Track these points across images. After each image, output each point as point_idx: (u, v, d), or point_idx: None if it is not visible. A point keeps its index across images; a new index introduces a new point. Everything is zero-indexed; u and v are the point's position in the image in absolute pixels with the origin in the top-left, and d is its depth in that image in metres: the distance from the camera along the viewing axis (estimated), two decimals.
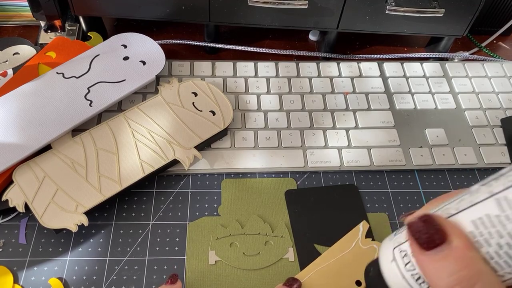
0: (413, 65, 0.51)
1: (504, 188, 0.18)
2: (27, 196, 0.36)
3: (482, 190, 0.19)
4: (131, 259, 0.36)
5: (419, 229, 0.19)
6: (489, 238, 0.18)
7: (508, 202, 0.17)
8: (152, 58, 0.44)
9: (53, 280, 0.34)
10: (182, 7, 0.47)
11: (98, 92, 0.41)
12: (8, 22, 0.54)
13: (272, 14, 0.47)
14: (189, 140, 0.40)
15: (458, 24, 0.49)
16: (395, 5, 0.46)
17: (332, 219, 0.39)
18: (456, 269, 0.18)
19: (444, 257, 0.18)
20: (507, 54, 0.57)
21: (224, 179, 0.41)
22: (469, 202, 0.19)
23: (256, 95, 0.47)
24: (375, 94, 0.48)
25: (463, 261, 0.18)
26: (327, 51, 0.54)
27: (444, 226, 0.19)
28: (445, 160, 0.43)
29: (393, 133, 0.45)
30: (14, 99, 0.40)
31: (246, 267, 0.36)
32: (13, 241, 0.36)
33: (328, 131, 0.44)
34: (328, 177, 0.42)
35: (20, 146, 0.37)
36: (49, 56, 0.45)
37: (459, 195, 0.20)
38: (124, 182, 0.37)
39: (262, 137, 0.43)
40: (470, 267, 0.18)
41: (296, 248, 0.37)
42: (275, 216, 0.39)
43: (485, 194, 0.18)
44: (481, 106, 0.48)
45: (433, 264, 0.19)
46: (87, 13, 0.49)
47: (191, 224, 0.38)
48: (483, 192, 0.18)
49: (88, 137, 0.40)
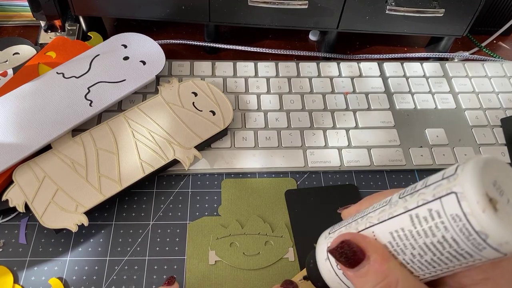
0: (413, 65, 0.52)
1: (416, 206, 0.20)
2: (27, 196, 0.36)
3: (399, 204, 0.21)
4: (131, 259, 0.36)
5: (340, 254, 0.22)
6: (404, 249, 0.20)
7: (419, 219, 0.19)
8: (152, 58, 0.44)
9: (53, 280, 0.34)
10: (182, 7, 0.47)
11: (98, 92, 0.41)
12: (8, 22, 0.54)
13: (272, 14, 0.47)
14: (189, 140, 0.40)
15: (458, 24, 0.49)
16: (395, 5, 0.46)
17: (332, 219, 0.39)
18: (377, 280, 0.21)
19: (365, 273, 0.21)
20: (507, 54, 0.57)
21: (224, 179, 0.41)
22: (388, 214, 0.21)
23: (256, 95, 0.47)
24: (375, 94, 0.48)
25: (382, 273, 0.21)
26: (327, 51, 0.54)
27: (361, 245, 0.21)
28: (445, 160, 0.43)
29: (393, 133, 0.45)
30: (14, 99, 0.40)
31: (246, 267, 0.36)
32: (13, 241, 0.36)
33: (328, 131, 0.45)
34: (328, 177, 0.42)
35: (20, 146, 0.37)
36: (49, 56, 0.45)
37: (382, 203, 0.22)
38: (124, 182, 0.37)
39: (262, 137, 0.43)
40: (388, 277, 0.20)
41: (296, 248, 0.37)
42: (275, 216, 0.39)
43: (401, 208, 0.20)
44: (481, 106, 0.48)
45: (358, 279, 0.21)
46: (87, 13, 0.49)
47: (191, 224, 0.38)
48: (400, 206, 0.21)
49: (88, 137, 0.40)
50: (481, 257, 0.18)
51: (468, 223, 0.17)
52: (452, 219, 0.18)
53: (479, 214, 0.17)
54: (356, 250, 0.21)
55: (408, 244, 0.20)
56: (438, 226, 0.18)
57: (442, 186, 0.19)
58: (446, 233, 0.18)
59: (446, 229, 0.18)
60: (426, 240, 0.19)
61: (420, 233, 0.19)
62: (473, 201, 0.17)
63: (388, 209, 0.21)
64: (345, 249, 0.22)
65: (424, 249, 0.19)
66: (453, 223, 0.18)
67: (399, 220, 0.20)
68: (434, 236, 0.19)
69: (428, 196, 0.19)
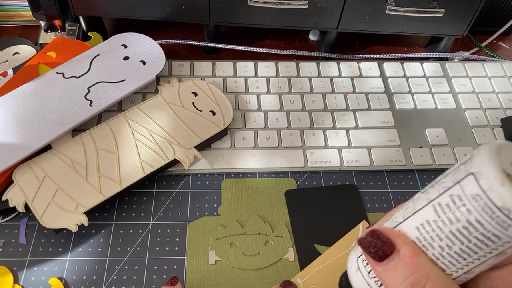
0: (413, 65, 0.52)
1: (438, 195, 0.20)
2: (27, 196, 0.36)
3: (421, 198, 0.21)
4: (131, 259, 0.36)
5: (369, 244, 0.21)
6: (432, 241, 0.20)
7: (442, 208, 0.19)
8: (152, 58, 0.44)
9: (53, 280, 0.34)
10: (182, 7, 0.47)
11: (98, 92, 0.41)
12: (8, 22, 0.54)
13: (272, 14, 0.47)
14: (189, 140, 0.40)
15: (458, 24, 0.49)
16: (395, 5, 0.46)
17: (332, 219, 0.39)
18: (407, 275, 0.20)
19: (395, 266, 0.20)
20: (507, 54, 0.57)
21: (224, 179, 0.41)
22: (412, 209, 0.21)
23: (256, 95, 0.47)
24: (375, 94, 0.48)
25: (412, 267, 0.20)
26: (327, 51, 0.54)
27: (391, 237, 0.21)
28: (445, 160, 0.43)
29: (393, 133, 0.45)
30: (14, 99, 0.40)
31: (246, 267, 0.36)
32: (13, 241, 0.36)
33: (328, 131, 0.44)
34: (328, 177, 0.42)
35: (20, 146, 0.37)
36: (49, 56, 0.45)
37: (406, 203, 0.22)
38: (124, 182, 0.37)
39: (262, 137, 0.43)
40: (418, 271, 0.20)
41: (296, 248, 0.37)
42: (275, 216, 0.39)
43: (424, 201, 0.20)
44: (481, 106, 0.48)
45: (387, 273, 0.21)
46: (87, 13, 0.49)
47: (191, 224, 0.38)
48: (422, 199, 0.21)
49: (88, 137, 0.40)
50: (509, 238, 0.18)
51: (489, 200, 0.17)
52: (473, 200, 0.18)
53: (498, 189, 0.17)
54: (385, 241, 0.21)
55: (435, 236, 0.20)
56: (461, 210, 0.19)
57: (460, 171, 0.19)
58: (470, 216, 0.18)
59: (469, 211, 0.18)
60: (452, 228, 0.19)
61: (445, 222, 0.19)
62: (490, 177, 0.17)
63: (412, 205, 0.21)
64: (374, 238, 0.21)
65: (451, 239, 0.19)
66: (475, 204, 0.18)
67: (423, 213, 0.20)
68: (458, 222, 0.19)
69: (447, 183, 0.19)
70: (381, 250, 0.21)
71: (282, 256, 0.37)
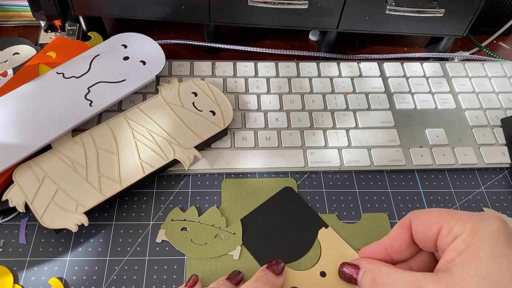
0: (413, 65, 0.52)
1: None
2: (27, 196, 0.36)
3: None
4: (131, 259, 0.36)
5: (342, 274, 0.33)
6: None
7: None
8: (152, 58, 0.44)
9: (53, 280, 0.34)
10: (182, 7, 0.47)
11: (98, 92, 0.41)
12: (8, 22, 0.54)
13: (272, 14, 0.47)
14: (189, 140, 0.40)
15: (458, 24, 0.49)
16: (395, 5, 0.46)
17: (282, 231, 0.38)
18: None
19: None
20: (507, 54, 0.57)
21: (224, 179, 0.41)
22: None
23: (256, 95, 0.47)
24: (375, 94, 0.48)
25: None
26: (327, 51, 0.54)
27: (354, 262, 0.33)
28: (445, 160, 0.43)
29: (393, 133, 0.45)
30: (14, 99, 0.40)
31: (189, 253, 0.36)
32: (13, 241, 0.36)
33: (328, 131, 0.44)
34: (328, 177, 0.42)
35: (20, 146, 0.37)
36: (49, 56, 0.45)
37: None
38: (124, 182, 0.37)
39: (262, 137, 0.43)
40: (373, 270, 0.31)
41: (243, 249, 0.37)
42: (237, 214, 0.39)
43: None
44: (481, 106, 0.48)
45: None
46: (87, 13, 0.49)
47: None
48: None
49: (88, 137, 0.40)
50: None
51: None
52: None
53: None
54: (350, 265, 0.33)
55: None
56: None
57: None
58: None
59: None
60: None
61: None
62: None
63: None
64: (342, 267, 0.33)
65: None
66: None
67: None
68: None
69: None
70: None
71: (227, 252, 0.37)
